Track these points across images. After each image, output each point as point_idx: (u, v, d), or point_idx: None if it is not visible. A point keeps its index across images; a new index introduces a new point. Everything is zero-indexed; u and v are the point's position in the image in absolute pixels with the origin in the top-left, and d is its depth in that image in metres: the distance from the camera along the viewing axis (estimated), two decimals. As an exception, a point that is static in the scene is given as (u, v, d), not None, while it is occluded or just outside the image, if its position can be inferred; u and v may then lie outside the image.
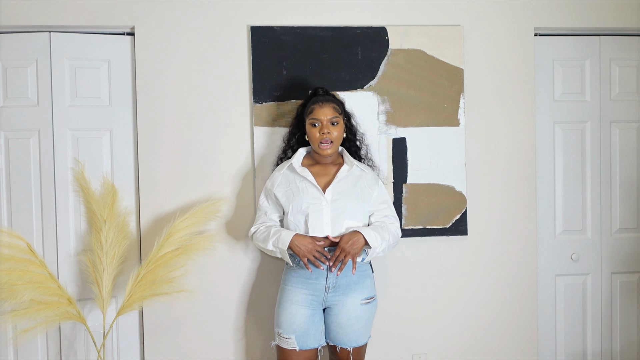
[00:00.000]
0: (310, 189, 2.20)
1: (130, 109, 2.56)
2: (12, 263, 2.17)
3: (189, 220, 2.37)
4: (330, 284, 2.15)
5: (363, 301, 2.17)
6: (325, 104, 2.23)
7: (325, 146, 2.21)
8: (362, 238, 2.12)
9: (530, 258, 2.71)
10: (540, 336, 2.81)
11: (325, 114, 2.21)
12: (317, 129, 2.21)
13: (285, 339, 2.16)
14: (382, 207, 2.28)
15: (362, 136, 2.47)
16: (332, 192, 2.20)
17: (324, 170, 2.27)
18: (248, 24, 2.54)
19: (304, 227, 2.18)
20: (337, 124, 2.22)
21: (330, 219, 2.16)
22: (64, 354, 2.50)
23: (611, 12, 2.74)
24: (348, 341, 2.17)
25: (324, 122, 2.20)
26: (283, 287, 2.23)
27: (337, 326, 2.17)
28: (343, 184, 2.22)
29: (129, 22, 2.49)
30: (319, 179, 2.24)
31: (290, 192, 2.22)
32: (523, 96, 2.69)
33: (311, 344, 2.17)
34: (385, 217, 2.27)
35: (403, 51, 2.59)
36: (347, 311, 2.16)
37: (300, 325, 2.14)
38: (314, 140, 2.22)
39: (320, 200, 2.18)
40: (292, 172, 2.26)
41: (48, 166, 2.47)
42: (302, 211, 2.18)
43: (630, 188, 2.86)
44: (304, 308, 2.16)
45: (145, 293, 2.30)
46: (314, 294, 2.16)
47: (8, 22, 2.43)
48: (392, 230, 2.25)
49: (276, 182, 2.27)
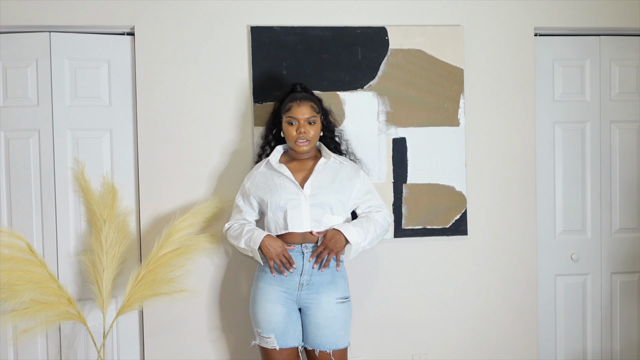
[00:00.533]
0: (287, 185, 2.18)
1: (130, 109, 2.56)
2: (12, 263, 2.17)
3: (189, 220, 2.37)
4: (304, 281, 2.13)
5: (338, 300, 2.15)
6: (303, 102, 2.19)
7: (302, 142, 2.17)
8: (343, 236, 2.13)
9: (530, 258, 2.71)
10: (540, 336, 2.81)
11: (302, 113, 2.17)
12: (294, 127, 2.18)
13: (265, 338, 2.14)
14: (367, 197, 2.27)
15: (340, 132, 2.45)
16: (310, 186, 2.17)
17: (302, 165, 2.25)
18: (248, 24, 2.54)
19: (283, 224, 2.15)
20: (314, 123, 2.19)
21: (310, 213, 2.14)
22: (64, 354, 2.50)
23: (611, 12, 2.74)
24: (327, 343, 2.12)
25: (301, 121, 2.17)
26: (256, 285, 2.20)
27: (315, 327, 2.13)
28: (322, 177, 2.20)
29: (129, 22, 2.49)
30: (296, 174, 2.21)
31: (268, 189, 2.19)
32: (523, 96, 2.69)
33: (291, 343, 2.15)
34: (370, 208, 2.26)
35: (403, 51, 2.59)
36: (324, 310, 2.12)
37: (278, 324, 2.13)
38: (290, 138, 2.19)
39: (299, 195, 2.15)
40: (270, 170, 2.24)
41: (48, 166, 2.47)
42: (280, 207, 2.15)
43: (630, 188, 2.86)
44: (279, 306, 2.13)
45: (145, 293, 2.30)
46: (287, 291, 2.14)
47: (8, 22, 2.43)
48: (377, 219, 2.23)
49: (254, 181, 2.25)
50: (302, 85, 2.34)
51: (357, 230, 2.16)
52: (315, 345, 2.13)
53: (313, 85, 2.52)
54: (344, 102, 2.56)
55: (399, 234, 2.59)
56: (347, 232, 2.13)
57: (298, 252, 2.14)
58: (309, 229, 2.14)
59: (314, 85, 2.52)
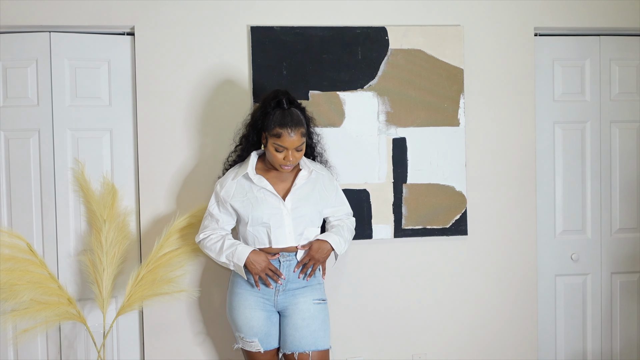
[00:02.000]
0: (269, 199, 2.12)
1: (130, 109, 2.56)
2: (12, 263, 2.18)
3: (189, 220, 2.38)
4: (279, 286, 2.12)
5: (315, 301, 2.14)
6: (294, 130, 2.04)
7: (287, 168, 2.11)
8: (330, 246, 2.15)
9: (530, 258, 2.71)
10: (540, 336, 2.81)
11: (293, 144, 2.05)
12: (282, 154, 2.07)
13: (248, 342, 2.13)
14: (340, 205, 2.30)
15: (318, 137, 2.34)
16: (291, 200, 2.14)
17: (281, 176, 2.18)
18: (248, 24, 2.54)
19: (266, 239, 2.13)
20: (301, 150, 2.10)
21: (292, 227, 2.13)
22: (64, 354, 2.50)
23: (611, 12, 2.74)
24: (306, 344, 2.08)
25: (290, 149, 2.06)
26: (232, 290, 2.18)
27: (293, 328, 2.10)
28: (302, 190, 2.17)
29: (129, 22, 2.49)
30: (276, 187, 2.15)
31: (248, 203, 2.12)
32: (523, 96, 2.69)
33: (274, 344, 2.16)
34: (344, 216, 2.31)
35: (403, 51, 2.59)
36: (301, 310, 2.11)
37: (260, 328, 2.12)
38: (275, 161, 2.10)
39: (281, 210, 2.12)
40: (247, 180, 2.16)
41: (48, 166, 2.47)
42: (262, 223, 2.11)
43: (630, 188, 2.86)
44: (258, 311, 2.12)
45: (145, 293, 2.30)
46: (264, 296, 2.13)
47: (8, 22, 2.43)
48: (350, 227, 2.31)
49: (231, 191, 2.16)
50: (288, 98, 2.14)
51: (339, 239, 2.19)
52: (294, 347, 2.09)
53: (313, 85, 2.53)
54: (344, 102, 2.56)
55: (399, 234, 2.59)
56: (334, 243, 2.17)
57: (274, 260, 2.12)
58: (292, 243, 2.13)
59: (314, 85, 2.53)
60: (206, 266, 2.53)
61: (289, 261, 2.13)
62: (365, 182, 2.57)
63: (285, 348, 2.12)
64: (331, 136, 2.54)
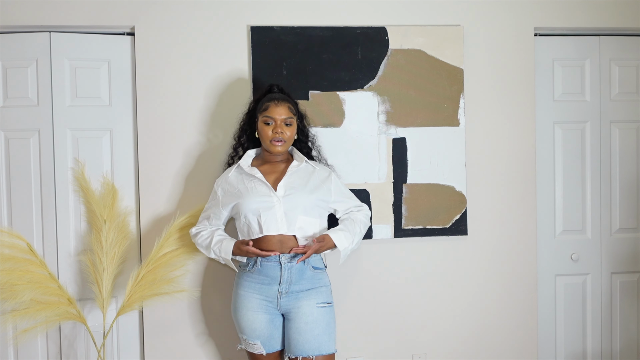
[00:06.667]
0: (259, 187, 2.14)
1: (130, 109, 2.56)
2: (12, 263, 2.18)
3: (189, 220, 2.38)
4: (282, 289, 2.09)
5: (319, 304, 2.11)
6: (281, 102, 2.16)
7: (277, 143, 2.14)
8: (332, 241, 2.13)
9: (530, 258, 2.71)
10: (540, 336, 2.81)
11: (280, 114, 2.14)
12: (270, 127, 2.14)
13: (251, 344, 2.13)
14: (344, 198, 2.27)
15: (313, 138, 2.39)
16: (283, 187, 2.14)
17: (274, 167, 2.22)
18: (248, 24, 2.54)
19: (257, 228, 2.11)
20: (290, 125, 2.17)
21: (284, 215, 2.10)
22: (64, 354, 2.50)
23: (611, 12, 2.74)
24: (309, 348, 2.05)
25: (278, 121, 2.14)
26: (236, 292, 2.17)
27: (296, 332, 2.07)
28: (295, 179, 2.17)
29: (129, 22, 2.49)
30: (268, 177, 2.18)
31: (239, 194, 2.15)
32: (523, 96, 2.69)
33: (277, 347, 2.15)
34: (350, 208, 2.27)
35: (403, 51, 2.59)
36: (304, 314, 2.08)
37: (262, 330, 2.11)
38: (265, 138, 2.16)
39: (272, 197, 2.12)
40: (241, 173, 2.20)
41: (48, 166, 2.47)
42: (253, 211, 2.11)
43: (630, 188, 2.86)
44: (261, 314, 2.11)
45: (145, 293, 2.30)
46: (267, 299, 2.11)
47: (8, 22, 2.43)
48: (361, 219, 2.26)
49: (225, 187, 2.21)
50: (279, 87, 2.30)
51: (344, 234, 2.16)
52: (298, 351, 2.07)
53: (313, 85, 2.53)
54: (344, 102, 2.56)
55: (399, 234, 2.59)
56: (335, 237, 2.13)
57: (275, 262, 2.09)
58: (284, 231, 2.10)
59: (314, 85, 2.53)
60: (207, 266, 2.53)
61: (290, 264, 2.10)
62: (365, 182, 2.57)
63: (290, 352, 2.10)
64: (331, 136, 2.54)
